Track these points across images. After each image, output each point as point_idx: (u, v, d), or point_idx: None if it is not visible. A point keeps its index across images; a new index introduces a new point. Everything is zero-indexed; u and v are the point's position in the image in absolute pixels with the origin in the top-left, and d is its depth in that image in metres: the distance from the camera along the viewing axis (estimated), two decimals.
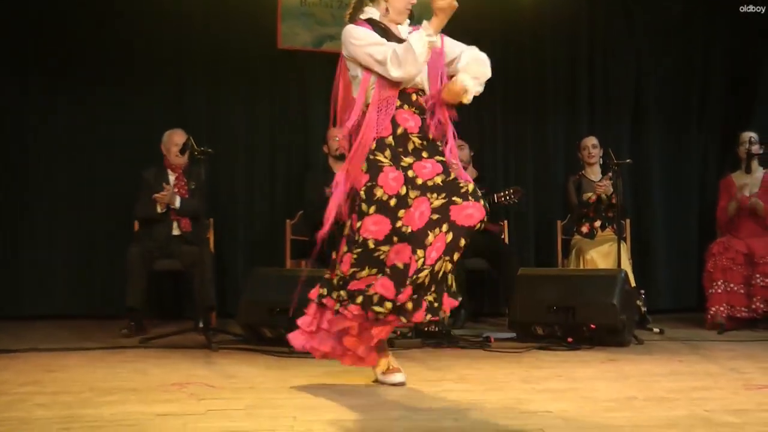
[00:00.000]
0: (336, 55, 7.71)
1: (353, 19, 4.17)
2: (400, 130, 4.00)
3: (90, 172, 7.44)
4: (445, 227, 3.77)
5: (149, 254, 6.44)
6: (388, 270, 3.80)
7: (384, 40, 4.00)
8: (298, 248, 7.20)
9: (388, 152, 3.96)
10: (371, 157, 3.96)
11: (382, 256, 3.85)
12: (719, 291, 6.69)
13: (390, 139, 3.99)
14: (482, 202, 3.86)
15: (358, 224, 3.93)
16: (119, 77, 7.48)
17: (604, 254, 6.84)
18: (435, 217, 3.80)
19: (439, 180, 3.89)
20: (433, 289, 3.82)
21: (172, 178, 6.71)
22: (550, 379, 4.20)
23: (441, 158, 4.00)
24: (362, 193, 3.95)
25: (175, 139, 6.62)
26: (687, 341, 5.88)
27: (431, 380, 4.13)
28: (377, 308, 3.79)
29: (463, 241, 3.79)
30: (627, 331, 5.56)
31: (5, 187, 7.32)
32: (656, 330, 6.37)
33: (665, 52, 8.36)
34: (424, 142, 4.02)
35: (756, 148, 6.81)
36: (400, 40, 4.04)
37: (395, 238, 3.84)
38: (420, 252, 3.75)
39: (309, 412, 3.37)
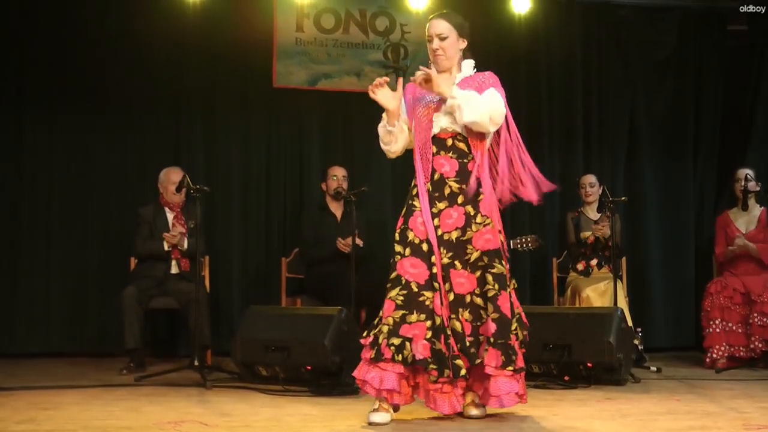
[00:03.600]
0: (331, 93, 7.81)
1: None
2: (436, 176, 4.14)
3: (85, 209, 7.44)
4: (447, 286, 4.04)
5: (145, 294, 6.44)
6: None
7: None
8: (293, 286, 7.22)
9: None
10: (409, 202, 4.17)
11: (427, 302, 4.02)
12: (717, 330, 6.66)
13: (428, 185, 4.14)
14: (479, 273, 4.05)
15: (392, 263, 4.11)
16: (116, 116, 7.51)
17: (601, 292, 6.82)
18: (443, 273, 4.06)
19: (454, 236, 4.10)
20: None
21: (170, 216, 6.73)
22: (546, 417, 4.19)
23: (474, 210, 4.12)
24: (396, 235, 4.13)
25: (172, 177, 6.64)
26: (685, 380, 5.87)
27: (427, 418, 4.11)
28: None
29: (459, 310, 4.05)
30: (624, 369, 5.55)
31: None
32: (653, 368, 6.34)
33: (659, 89, 8.40)
34: (463, 186, 4.13)
35: (752, 185, 6.83)
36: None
37: (435, 285, 4.03)
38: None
39: None
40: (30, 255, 7.34)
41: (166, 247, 6.58)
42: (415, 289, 4.01)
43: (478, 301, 4.04)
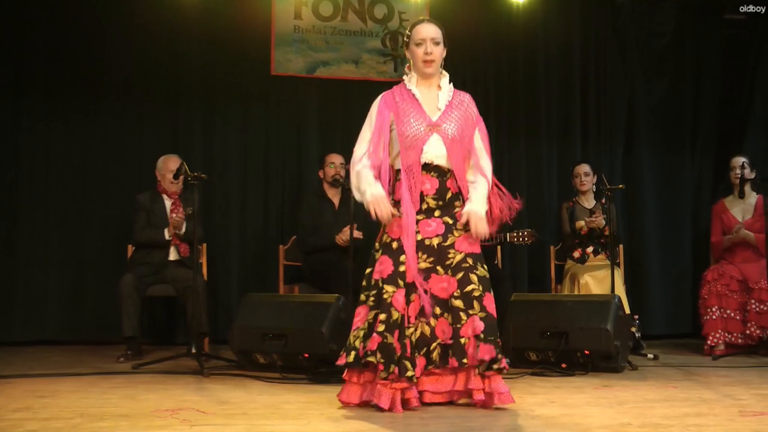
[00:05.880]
0: (329, 80, 7.79)
1: (393, 87, 4.39)
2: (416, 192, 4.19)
3: (83, 197, 7.46)
4: (400, 282, 4.06)
5: (142, 281, 6.46)
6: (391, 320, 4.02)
7: (365, 138, 4.27)
8: (291, 273, 7.23)
9: (402, 208, 4.15)
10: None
11: (386, 297, 4.05)
12: (714, 317, 6.69)
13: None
14: (460, 275, 4.10)
15: (368, 274, 4.21)
16: (114, 103, 7.53)
17: (599, 279, 6.85)
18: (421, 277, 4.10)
19: (435, 242, 4.16)
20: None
21: (167, 203, 6.74)
22: (543, 405, 4.21)
23: (451, 220, 4.20)
24: (376, 244, 4.24)
25: (170, 164, 6.65)
26: (681, 367, 5.90)
27: (425, 405, 4.12)
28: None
29: (438, 310, 4.09)
30: (621, 356, 5.58)
31: None
32: (650, 356, 6.37)
33: (657, 78, 8.43)
34: (440, 203, 4.21)
35: (748, 173, 6.85)
36: (427, 120, 4.23)
37: (399, 281, 4.06)
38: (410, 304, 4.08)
39: None
40: (27, 243, 7.36)
41: (167, 236, 6.59)
42: (380, 285, 4.08)
43: (458, 303, 4.08)
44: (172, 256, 6.66)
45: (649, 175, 8.33)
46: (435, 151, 4.18)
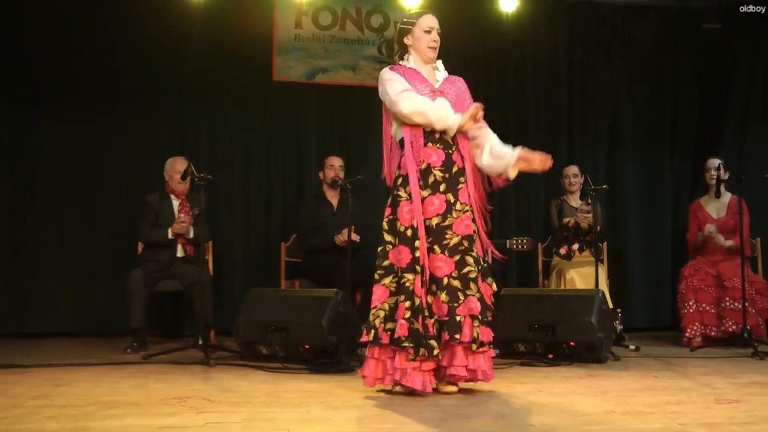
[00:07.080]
0: (328, 86, 7.88)
1: (391, 65, 4.55)
2: (424, 165, 4.34)
3: (95, 197, 7.60)
4: (418, 269, 4.21)
5: (151, 277, 6.58)
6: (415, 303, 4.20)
7: (403, 82, 4.38)
8: (292, 269, 7.36)
9: (408, 187, 4.30)
10: (394, 192, 4.36)
11: (407, 284, 4.22)
12: (691, 311, 6.86)
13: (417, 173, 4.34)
14: (457, 257, 4.25)
15: (381, 252, 4.36)
16: (123, 108, 7.66)
17: (584, 275, 6.98)
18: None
19: (434, 222, 4.29)
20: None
21: (175, 203, 6.86)
22: (531, 393, 4.33)
23: (453, 197, 4.34)
24: (385, 224, 4.37)
25: (177, 166, 6.77)
26: (661, 358, 6.01)
27: (418, 395, 4.23)
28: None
29: (434, 288, 4.24)
30: (605, 348, 5.71)
31: (13, 208, 7.50)
32: (632, 347, 6.49)
33: (639, 83, 8.57)
34: (446, 175, 4.36)
35: (723, 174, 7.04)
36: (430, 87, 4.44)
37: (417, 267, 4.21)
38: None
39: (303, 425, 3.50)
40: (44, 241, 7.51)
41: (170, 235, 6.71)
42: (400, 273, 4.23)
43: (455, 283, 4.22)
44: (179, 253, 6.79)
45: (631, 176, 8.46)
46: None
